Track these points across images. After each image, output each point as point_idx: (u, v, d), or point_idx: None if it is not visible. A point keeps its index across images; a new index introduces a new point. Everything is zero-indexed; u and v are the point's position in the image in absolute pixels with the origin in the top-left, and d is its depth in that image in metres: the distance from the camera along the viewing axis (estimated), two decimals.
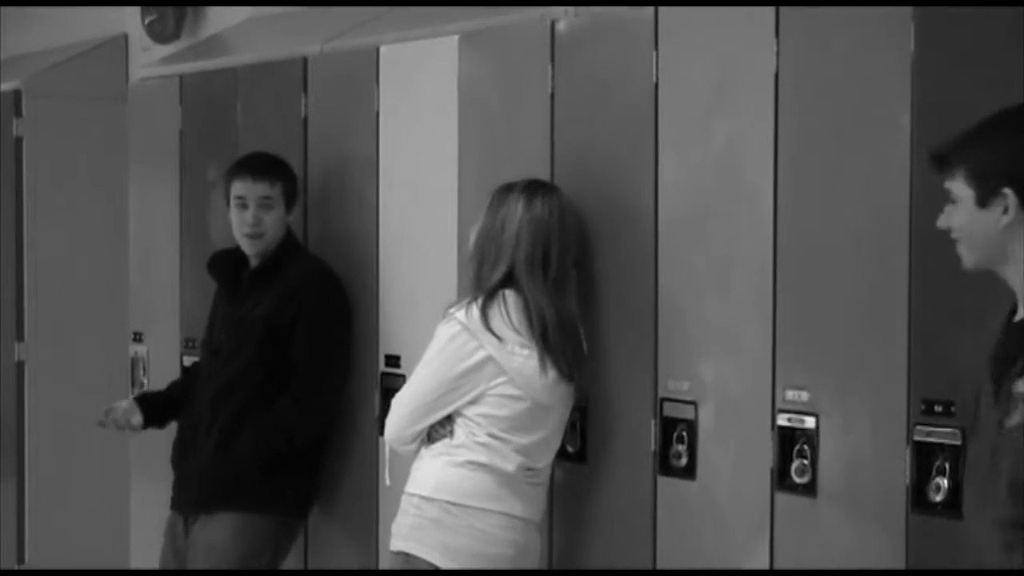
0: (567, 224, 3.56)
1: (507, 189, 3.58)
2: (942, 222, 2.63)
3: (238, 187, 4.27)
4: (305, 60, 4.49)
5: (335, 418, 4.26)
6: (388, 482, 3.83)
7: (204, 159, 4.91)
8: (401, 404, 3.61)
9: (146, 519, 5.13)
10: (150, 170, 5.25)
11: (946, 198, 2.60)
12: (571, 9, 3.72)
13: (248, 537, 4.17)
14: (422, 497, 3.53)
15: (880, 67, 3.07)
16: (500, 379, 3.49)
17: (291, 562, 4.36)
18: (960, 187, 2.56)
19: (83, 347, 5.96)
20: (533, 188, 3.57)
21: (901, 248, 3.01)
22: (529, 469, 3.53)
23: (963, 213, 2.56)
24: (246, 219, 4.24)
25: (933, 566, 2.96)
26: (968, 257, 2.60)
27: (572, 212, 3.58)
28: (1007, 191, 2.50)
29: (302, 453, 4.23)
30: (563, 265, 3.54)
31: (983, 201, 2.53)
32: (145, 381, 5.17)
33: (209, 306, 4.45)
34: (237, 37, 5.35)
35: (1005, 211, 2.51)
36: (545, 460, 3.59)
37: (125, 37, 6.20)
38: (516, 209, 3.54)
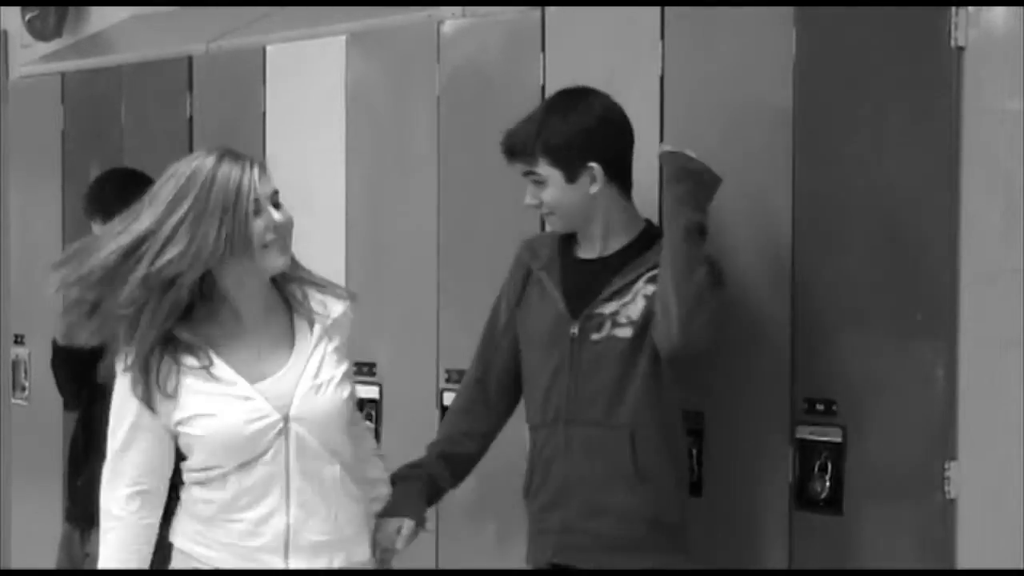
0: None
1: None
2: (530, 200, 2.96)
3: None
4: (190, 59, 4.45)
5: None
6: None
7: (87, 159, 4.84)
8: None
9: (27, 527, 5.06)
10: (31, 170, 5.17)
11: (538, 180, 2.93)
12: (458, 10, 3.72)
13: None
14: None
15: (763, 68, 3.11)
16: None
17: None
18: (545, 169, 2.91)
19: None
20: None
21: (785, 248, 3.05)
22: None
23: (553, 191, 2.92)
24: None
25: (816, 563, 3.00)
26: (560, 225, 2.98)
27: None
28: (592, 164, 2.88)
29: None
30: None
31: (571, 177, 2.90)
32: (27, 384, 5.09)
33: None
34: (121, 35, 5.28)
35: (593, 181, 2.90)
36: None
37: (4, 34, 6.09)
38: None
